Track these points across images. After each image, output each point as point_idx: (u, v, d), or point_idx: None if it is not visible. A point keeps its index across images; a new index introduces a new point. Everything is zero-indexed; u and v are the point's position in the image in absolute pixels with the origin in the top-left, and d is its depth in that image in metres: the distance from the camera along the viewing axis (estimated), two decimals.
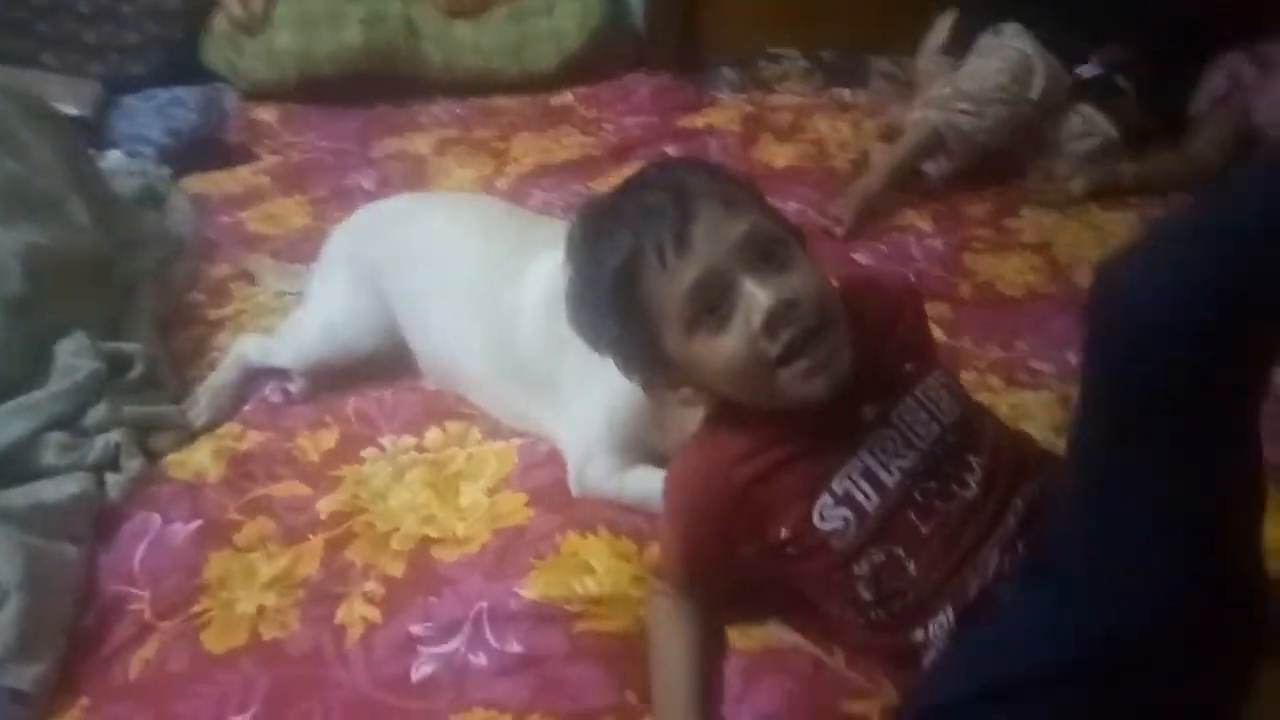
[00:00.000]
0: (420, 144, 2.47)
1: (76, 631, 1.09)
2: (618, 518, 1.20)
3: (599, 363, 1.20)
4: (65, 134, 1.86)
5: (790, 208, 2.10)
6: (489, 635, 1.03)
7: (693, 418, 1.08)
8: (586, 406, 1.26)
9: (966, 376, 1.53)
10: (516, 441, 1.37)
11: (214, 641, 1.07)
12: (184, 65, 2.65)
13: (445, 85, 2.70)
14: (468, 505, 1.26)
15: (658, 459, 1.23)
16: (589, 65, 2.73)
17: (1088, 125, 2.23)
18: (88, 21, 2.58)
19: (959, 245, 1.98)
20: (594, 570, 1.12)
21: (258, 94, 2.68)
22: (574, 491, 1.26)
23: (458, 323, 1.43)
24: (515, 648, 1.02)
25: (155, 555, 1.20)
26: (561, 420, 1.31)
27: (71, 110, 2.30)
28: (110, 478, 1.32)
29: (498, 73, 2.72)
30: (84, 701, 1.02)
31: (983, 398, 1.46)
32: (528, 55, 2.70)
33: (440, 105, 2.69)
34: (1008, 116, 2.13)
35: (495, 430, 1.41)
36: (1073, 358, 1.58)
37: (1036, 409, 1.46)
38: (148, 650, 1.07)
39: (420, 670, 1.02)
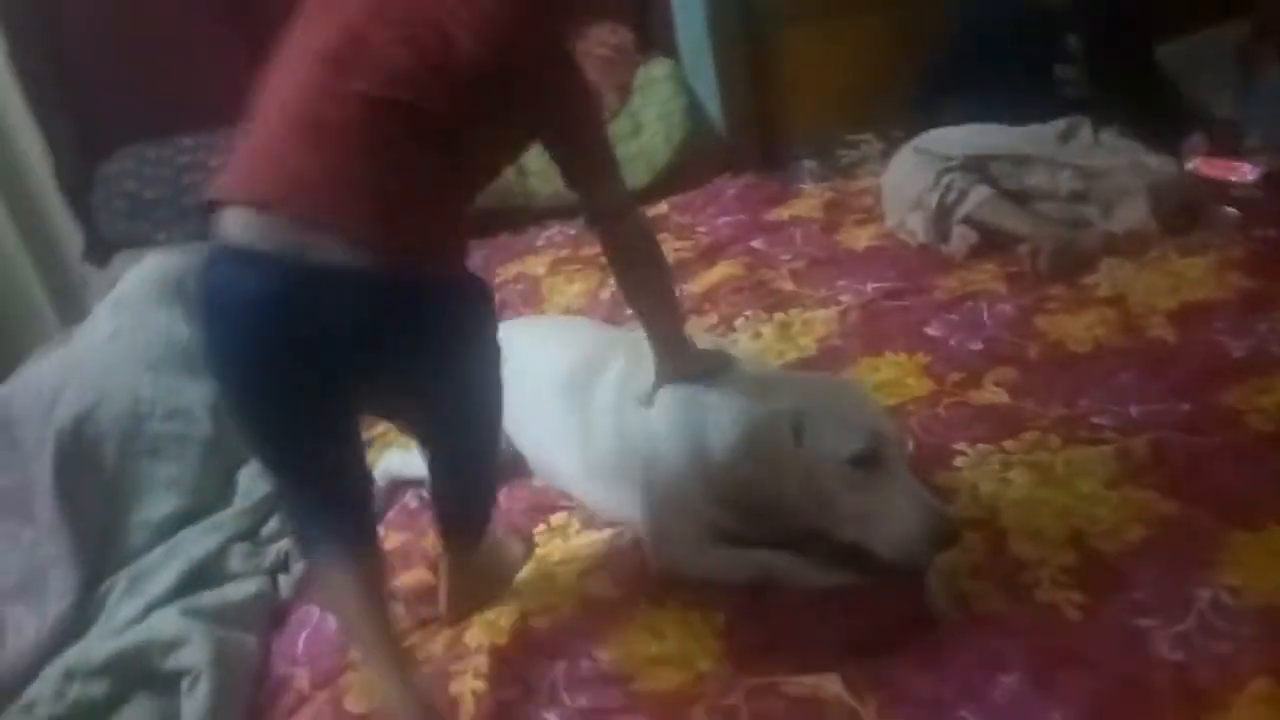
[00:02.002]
0: (536, 265, 2.78)
1: (251, 705, 1.36)
2: (687, 590, 1.37)
3: (668, 461, 1.41)
4: None
5: (867, 288, 2.26)
6: (563, 693, 1.23)
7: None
8: (660, 498, 1.45)
9: (1027, 437, 1.62)
10: (608, 532, 1.58)
11: (356, 706, 1.32)
12: None
13: (557, 211, 3.02)
14: (561, 585, 1.47)
15: (723, 538, 1.41)
16: (679, 175, 2.99)
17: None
18: None
19: (1032, 308, 2.04)
20: (662, 636, 1.30)
21: None
22: (653, 568, 1.44)
23: (551, 429, 1.66)
24: (581, 703, 1.21)
25: (314, 640, 1.47)
26: (641, 510, 1.50)
27: None
28: (282, 579, 1.62)
29: None
30: None
31: (1039, 456, 1.57)
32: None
33: (555, 228, 3.00)
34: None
35: (591, 521, 1.62)
36: (1134, 409, 1.64)
37: (1093, 464, 1.51)
38: (305, 714, 1.33)
39: None
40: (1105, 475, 1.49)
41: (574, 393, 1.61)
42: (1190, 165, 2.39)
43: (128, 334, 1.91)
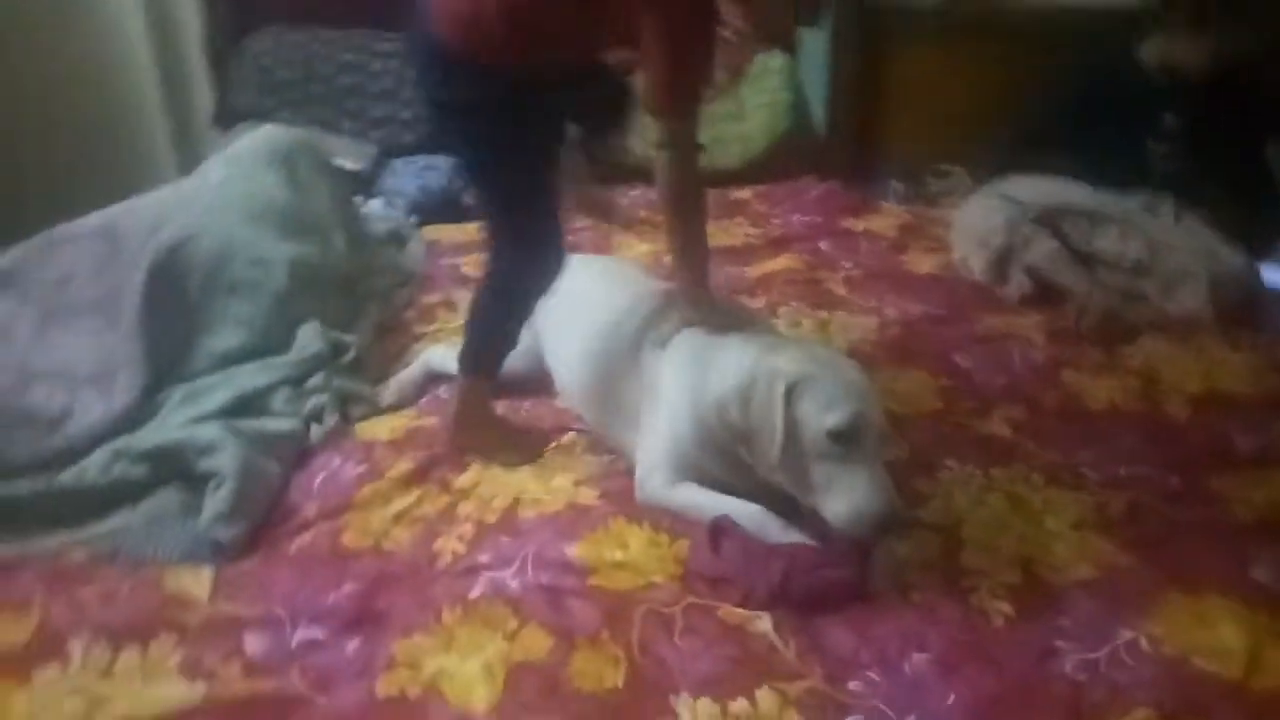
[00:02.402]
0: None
1: (265, 519, 1.54)
2: (662, 518, 1.51)
3: (671, 402, 1.54)
4: (338, 184, 2.47)
5: (913, 309, 2.35)
6: (529, 569, 1.38)
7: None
8: (656, 434, 1.59)
9: (1015, 469, 1.70)
10: (608, 457, 1.72)
11: (349, 541, 1.50)
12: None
13: (646, 174, 3.14)
14: (555, 486, 1.62)
15: (706, 481, 1.54)
16: (769, 166, 3.09)
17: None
18: (375, 99, 3.28)
19: (1063, 362, 2.10)
20: (627, 547, 1.44)
21: None
22: (637, 496, 1.57)
23: (576, 356, 1.80)
24: (542, 580, 1.36)
25: (328, 483, 1.65)
26: (639, 442, 1.64)
27: (352, 165, 2.97)
28: (315, 427, 1.80)
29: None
30: (256, 560, 1.46)
31: (1019, 489, 1.65)
32: (716, 154, 3.06)
33: (639, 191, 3.13)
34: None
35: (596, 446, 1.76)
36: (1124, 470, 1.71)
37: (1067, 507, 1.59)
38: (304, 538, 1.50)
39: (475, 591, 1.37)
40: (1074, 518, 1.57)
41: (603, 327, 1.74)
42: (1262, 267, 2.41)
43: (233, 185, 2.11)
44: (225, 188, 2.10)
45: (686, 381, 1.54)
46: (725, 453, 1.49)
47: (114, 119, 3.53)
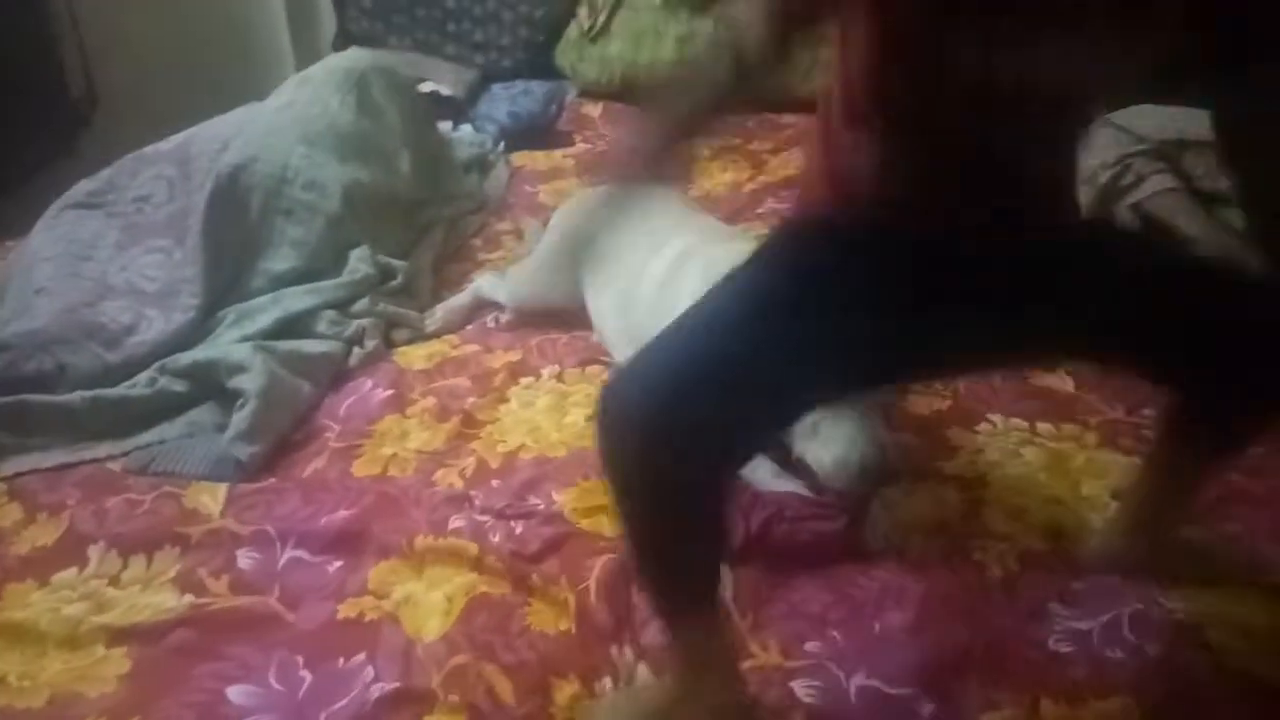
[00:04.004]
0: (704, 148, 2.81)
1: (287, 439, 1.60)
2: None
3: None
4: (415, 108, 2.47)
5: None
6: (511, 511, 1.40)
7: None
8: None
9: (1066, 428, 1.57)
10: None
11: (358, 468, 1.54)
12: (541, 64, 3.25)
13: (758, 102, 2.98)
14: (567, 423, 1.61)
15: None
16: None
17: None
18: (479, 23, 3.28)
19: None
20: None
21: (589, 92, 3.20)
22: None
23: (608, 290, 1.77)
24: (519, 527, 1.37)
25: (354, 407, 1.70)
26: None
27: (448, 91, 2.99)
28: (355, 351, 1.84)
29: (792, 90, 2.97)
30: (272, 479, 1.53)
31: (1065, 446, 1.52)
32: (821, 78, 2.89)
33: (736, 116, 3.00)
34: None
35: None
36: None
37: (1113, 470, 1.46)
38: (319, 463, 1.56)
39: (454, 523, 1.40)
40: (1118, 484, 1.43)
41: (635, 264, 1.69)
42: None
43: (299, 107, 2.15)
44: (289, 110, 2.15)
45: None
46: None
47: (244, 42, 3.69)
